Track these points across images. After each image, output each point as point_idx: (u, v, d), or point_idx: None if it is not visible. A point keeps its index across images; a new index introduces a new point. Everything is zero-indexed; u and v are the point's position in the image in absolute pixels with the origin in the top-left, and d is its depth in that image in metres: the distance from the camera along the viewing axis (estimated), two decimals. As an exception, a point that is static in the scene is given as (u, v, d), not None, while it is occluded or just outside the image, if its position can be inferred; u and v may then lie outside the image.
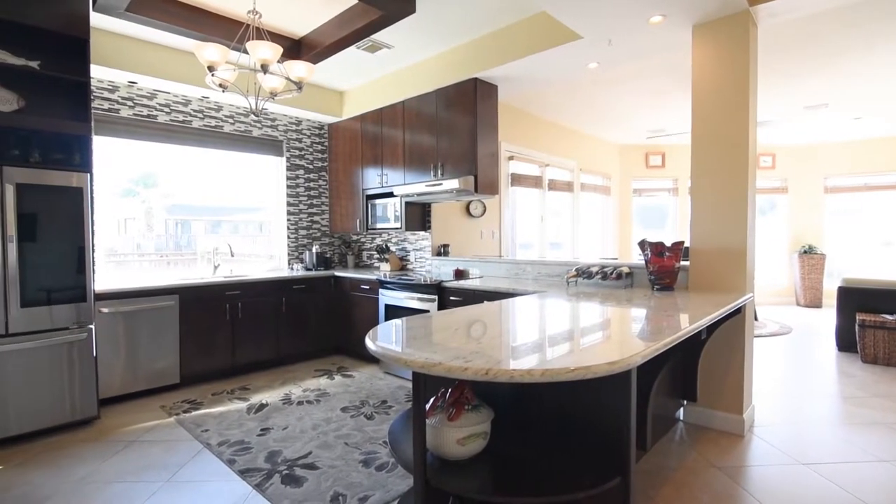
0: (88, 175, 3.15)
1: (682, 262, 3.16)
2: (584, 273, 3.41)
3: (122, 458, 2.69)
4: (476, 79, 3.98)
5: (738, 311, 2.87)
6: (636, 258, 5.76)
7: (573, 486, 1.46)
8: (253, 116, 4.86)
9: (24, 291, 2.89)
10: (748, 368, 3.03)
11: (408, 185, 4.38)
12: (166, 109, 4.29)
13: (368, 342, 1.65)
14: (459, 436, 1.53)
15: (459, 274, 4.37)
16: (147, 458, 2.68)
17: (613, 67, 3.84)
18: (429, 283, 3.87)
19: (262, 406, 3.46)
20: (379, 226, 4.90)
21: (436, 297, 3.82)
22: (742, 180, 2.95)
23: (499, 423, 1.87)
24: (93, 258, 3.18)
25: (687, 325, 1.83)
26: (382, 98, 4.78)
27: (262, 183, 5.10)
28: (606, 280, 3.34)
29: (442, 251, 4.83)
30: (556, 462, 1.63)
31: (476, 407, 1.60)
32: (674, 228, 8.64)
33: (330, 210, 5.52)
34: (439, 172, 4.25)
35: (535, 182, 6.30)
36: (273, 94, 3.23)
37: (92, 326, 3.15)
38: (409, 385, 3.91)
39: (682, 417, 3.14)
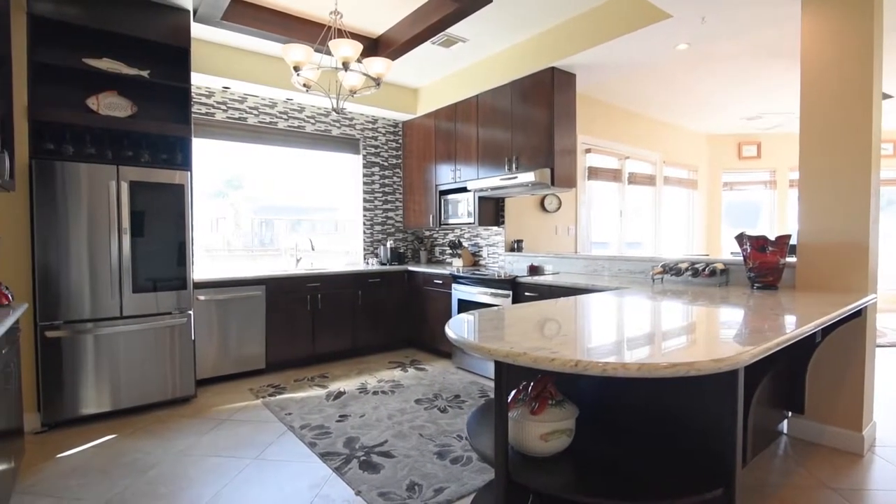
0: (189, 173, 3.42)
1: (788, 259, 2.84)
2: (671, 269, 3.18)
3: (217, 435, 2.89)
4: (553, 68, 3.85)
5: (858, 314, 2.53)
6: (728, 256, 5.29)
7: (671, 492, 1.34)
8: (332, 116, 5.05)
9: (135, 279, 3.20)
10: (869, 380, 2.66)
11: (481, 179, 4.34)
12: (255, 112, 4.57)
13: (449, 332, 1.62)
14: (543, 431, 1.46)
15: (534, 270, 4.26)
16: (238, 436, 2.86)
17: (706, 48, 3.55)
18: (503, 278, 3.81)
19: (339, 394, 3.58)
20: (451, 221, 4.91)
21: (510, 292, 3.74)
22: (864, 166, 2.59)
23: (581, 422, 1.77)
24: (192, 250, 3.45)
25: (800, 325, 1.62)
26: (456, 93, 4.78)
27: (340, 181, 5.29)
28: (698, 277, 3.09)
29: (515, 247, 4.73)
30: (649, 466, 1.51)
31: (560, 402, 1.52)
32: (770, 225, 7.88)
33: (403, 206, 5.62)
34: (514, 166, 4.16)
35: (614, 175, 6.01)
36: (352, 92, 3.32)
37: (191, 312, 3.42)
38: (482, 381, 3.87)
39: (785, 430, 2.83)
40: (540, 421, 1.47)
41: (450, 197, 4.92)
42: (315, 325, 4.34)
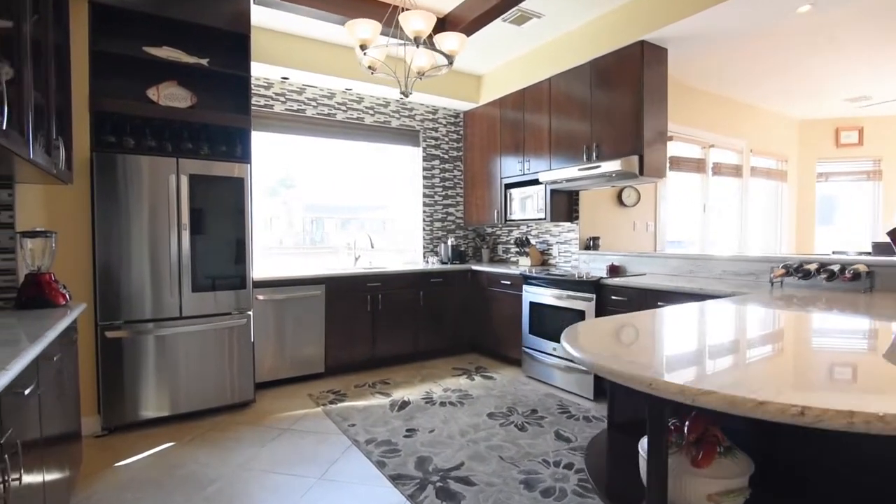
0: (248, 166, 3.23)
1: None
2: (797, 271, 2.67)
3: (277, 446, 2.66)
4: (643, 42, 3.39)
5: None
6: (851, 255, 4.61)
7: None
8: (392, 107, 4.79)
9: (195, 277, 3.04)
10: None
11: (554, 170, 3.94)
12: (313, 103, 4.37)
13: (572, 349, 1.26)
14: (712, 490, 1.07)
15: (614, 270, 3.81)
16: (299, 450, 2.62)
17: (834, 10, 2.99)
18: (584, 279, 3.39)
19: (404, 403, 3.29)
20: (517, 217, 4.53)
21: (593, 295, 3.33)
22: None
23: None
24: (251, 247, 3.26)
25: None
26: (524, 78, 4.39)
27: (398, 176, 5.03)
28: (833, 281, 2.56)
29: (591, 245, 4.29)
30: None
31: (729, 450, 1.13)
32: (873, 221, 6.96)
33: (464, 201, 5.29)
34: (593, 155, 3.73)
35: (697, 166, 5.43)
36: (420, 74, 3.01)
37: (250, 313, 3.24)
38: (559, 394, 3.47)
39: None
40: (707, 476, 1.08)
41: (516, 191, 4.54)
42: (375, 326, 4.09)
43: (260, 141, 4.16)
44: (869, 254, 5.21)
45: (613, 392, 1.75)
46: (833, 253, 5.80)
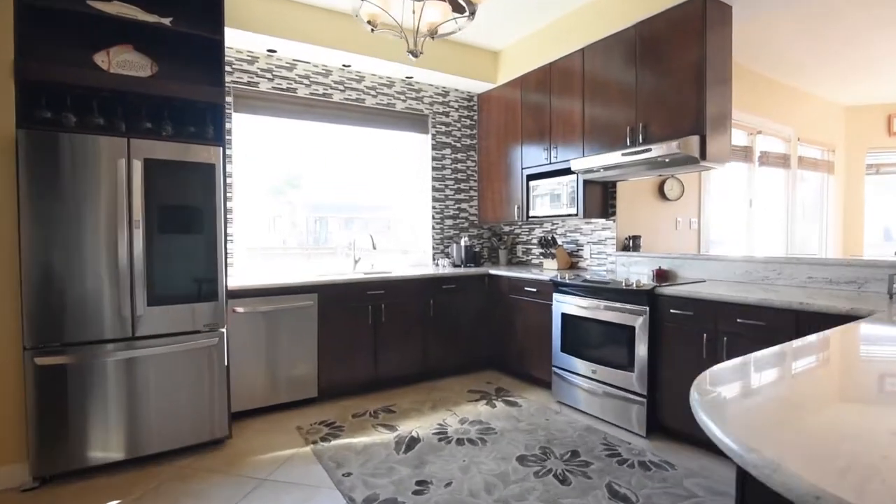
0: (221, 149, 2.63)
1: None
2: (932, 280, 2.03)
3: (249, 509, 2.06)
4: (705, -5, 2.75)
5: None
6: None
7: None
8: (397, 87, 4.17)
9: (151, 287, 2.43)
10: None
11: (590, 157, 3.30)
12: (306, 81, 3.76)
13: (727, 438, 0.64)
14: None
15: (663, 276, 3.18)
16: (277, 515, 2.01)
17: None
18: (635, 287, 2.76)
19: (412, 441, 2.67)
20: (541, 213, 3.90)
21: (646, 307, 2.69)
22: None
23: None
24: (226, 249, 2.66)
25: None
26: (551, 51, 3.76)
27: (405, 166, 4.41)
28: None
29: (630, 245, 3.66)
30: None
31: None
32: (929, 218, 6.27)
33: (479, 196, 4.66)
34: (639, 137, 3.10)
35: (743, 154, 4.78)
36: (431, 34, 2.40)
37: (224, 330, 2.63)
38: (602, 427, 2.84)
39: None
40: None
41: (540, 183, 3.91)
42: (378, 341, 3.48)
43: (248, 121, 3.56)
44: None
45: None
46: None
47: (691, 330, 2.51)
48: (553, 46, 3.74)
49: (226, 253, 2.66)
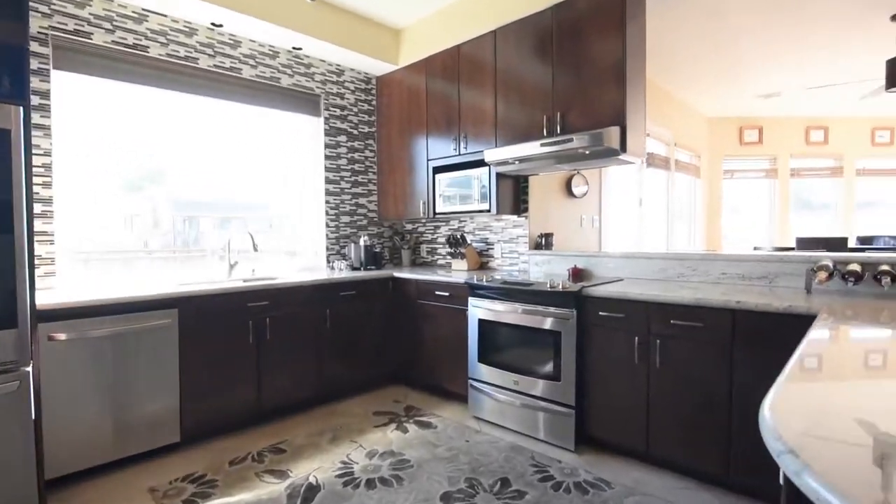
0: (22, 110, 1.84)
1: None
2: (849, 274, 2.05)
3: None
4: (625, -20, 2.62)
5: None
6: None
7: None
8: (281, 58, 3.53)
9: None
10: None
11: (505, 147, 3.04)
12: (161, 39, 2.97)
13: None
14: None
15: (578, 275, 3.04)
16: None
17: None
18: (561, 289, 2.53)
19: (310, 491, 2.14)
20: (448, 209, 3.57)
21: (573, 310, 2.48)
22: None
23: None
24: (31, 252, 1.87)
25: None
26: (460, 31, 3.44)
27: (293, 153, 3.77)
28: (893, 285, 1.98)
29: (543, 243, 3.49)
30: None
31: None
32: (769, 219, 7.22)
33: (379, 190, 4.19)
34: (557, 127, 2.90)
35: (636, 155, 4.93)
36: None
37: (29, 369, 1.85)
38: (528, 445, 2.57)
39: None
40: None
41: (447, 176, 3.58)
42: (262, 363, 2.85)
43: (73, 88, 2.68)
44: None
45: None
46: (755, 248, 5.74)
47: (622, 333, 2.34)
48: (461, 27, 3.42)
49: (32, 258, 1.87)
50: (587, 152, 2.72)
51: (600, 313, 2.41)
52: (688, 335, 2.13)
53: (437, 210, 3.66)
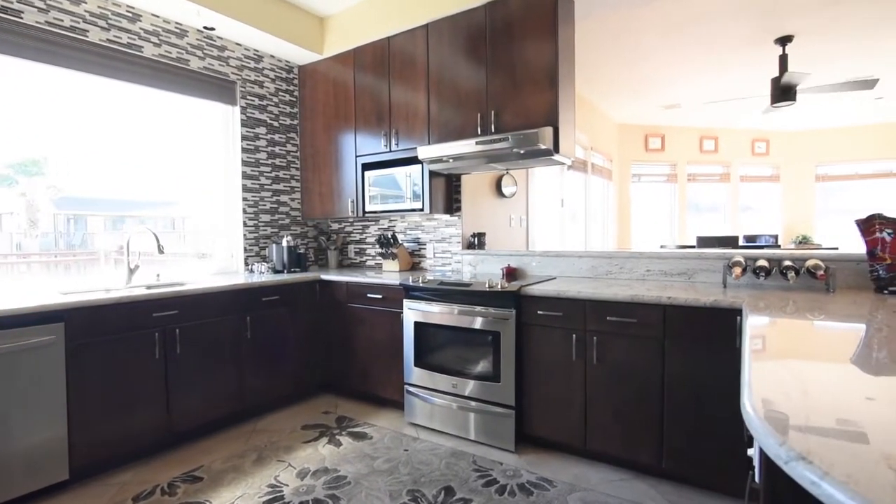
0: None
1: None
2: (759, 269, 2.23)
3: None
4: (557, -17, 2.66)
5: None
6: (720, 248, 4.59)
7: None
8: (190, 38, 3.16)
9: None
10: None
11: (440, 144, 2.96)
12: (39, 4, 2.52)
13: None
14: None
15: (512, 274, 3.05)
16: None
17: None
18: (499, 288, 2.51)
19: (235, 520, 1.91)
20: (379, 208, 3.43)
21: (512, 310, 2.46)
22: None
23: None
24: None
25: None
26: (390, 23, 3.31)
27: (203, 146, 3.41)
28: (797, 278, 2.19)
29: (476, 243, 3.47)
30: None
31: None
32: (670, 221, 7.88)
33: (303, 187, 3.93)
34: (491, 125, 2.89)
35: (558, 158, 5.10)
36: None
37: None
38: (468, 449, 2.52)
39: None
40: None
41: (377, 174, 3.43)
42: (171, 380, 2.52)
43: None
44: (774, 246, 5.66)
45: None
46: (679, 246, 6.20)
47: (560, 331, 2.37)
48: (391, 19, 3.30)
49: None
50: (521, 152, 2.72)
51: (539, 312, 2.42)
52: (623, 331, 2.20)
53: (367, 209, 3.50)
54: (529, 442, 2.55)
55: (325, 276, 3.33)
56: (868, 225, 2.03)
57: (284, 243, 3.51)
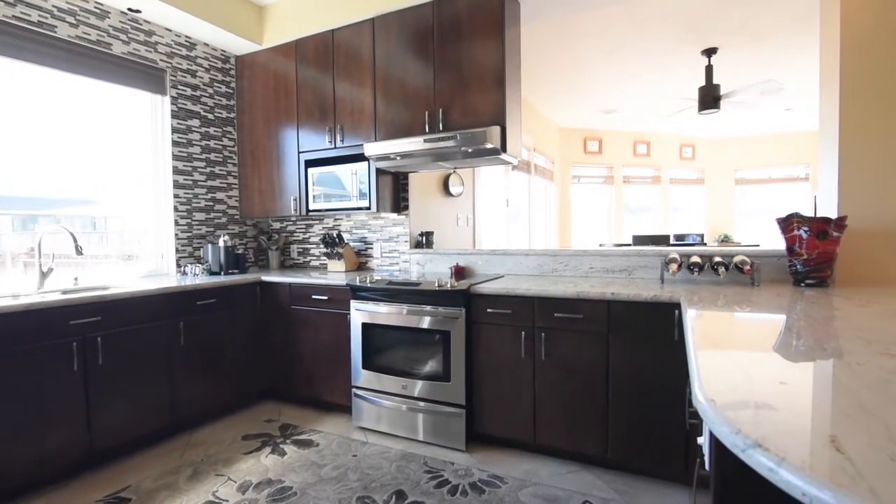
0: None
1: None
2: (693, 265, 2.36)
3: None
4: (503, -17, 2.69)
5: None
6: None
7: None
8: (111, 20, 2.90)
9: None
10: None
11: (387, 141, 2.91)
12: (-75, -27, 2.22)
13: None
14: None
15: (461, 273, 3.06)
16: None
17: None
18: (449, 287, 2.49)
19: (169, 542, 1.77)
20: (323, 206, 3.33)
21: (462, 309, 2.46)
22: (919, 132, 2.15)
23: None
24: None
25: None
26: (334, 15, 3.21)
27: (128, 138, 3.15)
28: (727, 273, 2.34)
29: (424, 242, 3.44)
30: None
31: None
32: (608, 221, 8.24)
33: (241, 185, 3.73)
34: (439, 124, 2.87)
35: (503, 158, 5.18)
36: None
37: None
38: (419, 450, 2.49)
39: None
40: None
41: (321, 171, 3.33)
42: (92, 394, 2.30)
43: None
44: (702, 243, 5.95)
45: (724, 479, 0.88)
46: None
47: (509, 328, 2.39)
48: (335, 11, 3.20)
49: None
50: (469, 150, 2.73)
51: (488, 310, 2.44)
52: (569, 327, 2.25)
53: (311, 207, 3.38)
54: (481, 440, 2.56)
55: (266, 278, 3.18)
56: (787, 223, 2.21)
57: (221, 243, 3.31)
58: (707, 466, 0.88)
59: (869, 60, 2.19)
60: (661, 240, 6.14)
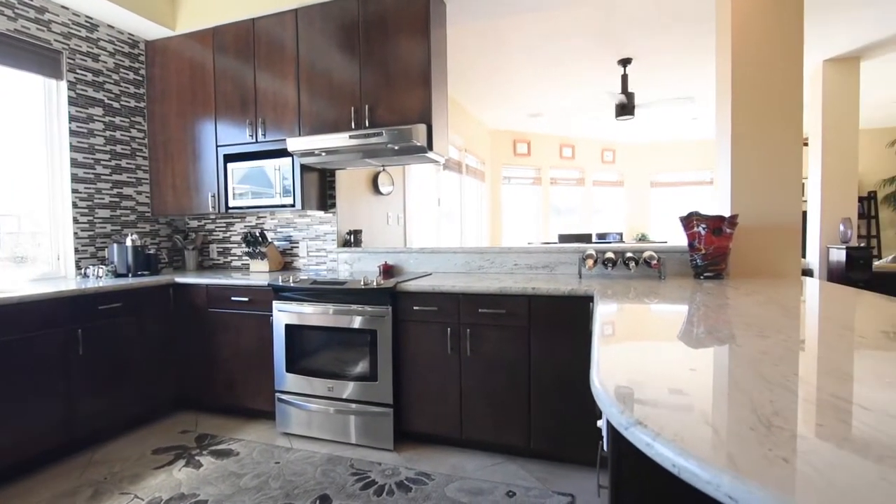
0: None
1: (726, 244, 2.50)
2: (607, 261, 2.50)
3: None
4: (428, -18, 2.70)
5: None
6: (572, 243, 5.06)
7: None
8: (-8, -6, 2.59)
9: None
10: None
11: (311, 136, 2.82)
12: None
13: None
14: None
15: (389, 271, 3.04)
16: None
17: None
18: (375, 286, 2.46)
19: (62, 571, 1.60)
20: (244, 203, 3.18)
21: (388, 307, 2.44)
22: (795, 140, 2.42)
23: None
24: None
25: None
26: (254, 3, 3.07)
27: (11, 126, 2.82)
28: (637, 268, 2.51)
29: (352, 240, 3.38)
30: None
31: None
32: (536, 220, 8.54)
33: (153, 180, 3.47)
34: (365, 120, 2.83)
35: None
36: None
37: None
38: (346, 453, 2.44)
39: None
40: None
41: (242, 166, 3.17)
42: (-32, 413, 2.03)
43: None
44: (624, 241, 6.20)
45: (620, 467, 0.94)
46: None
47: (435, 325, 2.41)
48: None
49: None
50: (396, 147, 2.72)
51: (414, 308, 2.44)
52: (493, 322, 2.31)
53: (231, 204, 3.21)
54: (409, 438, 2.56)
55: (180, 279, 2.97)
56: (688, 221, 2.40)
57: (129, 242, 3.05)
58: (605, 448, 0.94)
59: (756, 69, 2.43)
60: (584, 238, 6.46)
